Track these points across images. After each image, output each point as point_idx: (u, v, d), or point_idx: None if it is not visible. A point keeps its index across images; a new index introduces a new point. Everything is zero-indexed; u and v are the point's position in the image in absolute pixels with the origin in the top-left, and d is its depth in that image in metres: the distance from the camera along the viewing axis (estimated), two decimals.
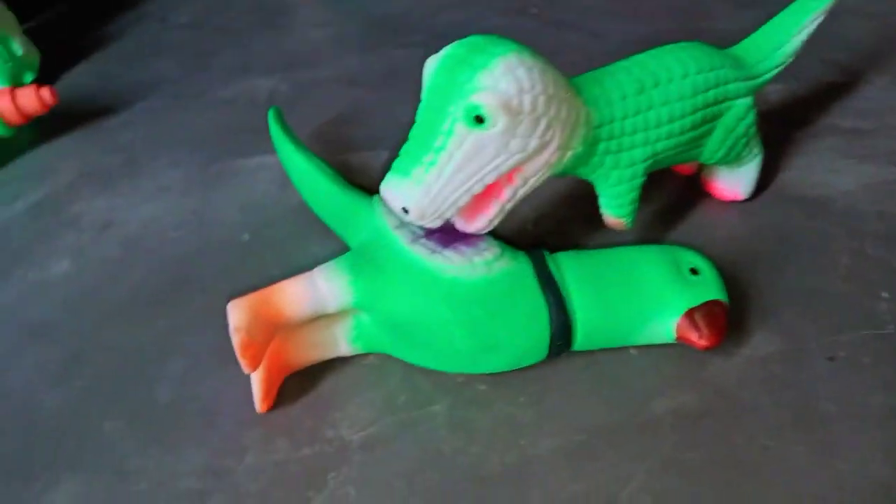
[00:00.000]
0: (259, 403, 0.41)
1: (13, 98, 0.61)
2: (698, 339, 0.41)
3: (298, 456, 0.40)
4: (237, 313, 0.38)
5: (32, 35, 0.74)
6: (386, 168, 0.40)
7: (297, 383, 0.43)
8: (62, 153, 0.65)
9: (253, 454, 0.40)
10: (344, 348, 0.43)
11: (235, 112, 0.69)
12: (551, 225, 0.54)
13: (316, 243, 0.53)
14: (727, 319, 0.42)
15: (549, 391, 0.42)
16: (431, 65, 0.39)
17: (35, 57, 0.73)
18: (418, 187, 0.38)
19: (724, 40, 0.49)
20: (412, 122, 0.40)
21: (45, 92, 0.62)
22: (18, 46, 0.70)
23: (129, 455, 0.40)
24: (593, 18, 0.81)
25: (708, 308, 0.41)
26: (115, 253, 0.54)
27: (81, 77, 0.77)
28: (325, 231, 0.53)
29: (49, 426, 0.42)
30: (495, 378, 0.43)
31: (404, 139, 0.40)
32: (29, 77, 0.72)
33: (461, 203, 0.39)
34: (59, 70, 0.77)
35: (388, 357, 0.44)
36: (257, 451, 0.40)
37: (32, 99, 0.62)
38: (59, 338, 0.48)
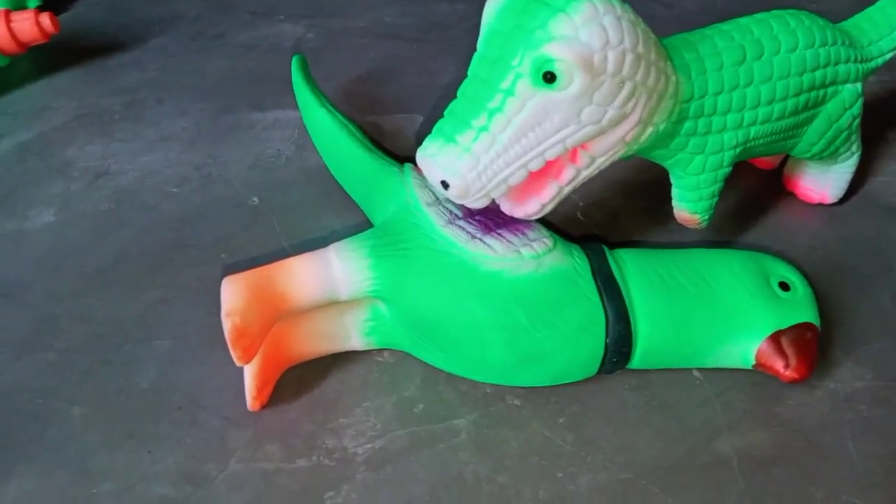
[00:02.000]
0: (251, 400, 0.34)
1: (7, 22, 0.54)
2: (783, 368, 0.34)
3: (292, 467, 0.33)
4: (232, 294, 0.31)
5: None
6: (424, 133, 0.33)
7: (297, 379, 0.37)
8: (59, 91, 0.59)
9: (238, 460, 0.34)
10: (355, 342, 0.37)
11: (256, 59, 0.62)
12: (604, 216, 0.47)
13: (333, 214, 0.46)
14: (818, 348, 0.35)
15: (594, 415, 0.36)
16: (494, 4, 0.32)
17: None
18: (464, 157, 0.31)
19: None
20: (456, 85, 0.33)
21: (45, 18, 0.55)
22: None
23: (95, 449, 0.34)
24: None
25: (798, 332, 0.34)
26: (106, 206, 0.48)
27: (92, 8, 0.70)
28: (345, 201, 0.46)
29: (6, 405, 0.36)
30: (531, 392, 0.36)
31: (445, 104, 0.33)
32: (33, 2, 0.65)
33: (513, 181, 0.32)
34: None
35: (407, 356, 0.37)
36: (244, 458, 0.34)
37: (30, 25, 0.55)
38: (30, 301, 0.41)
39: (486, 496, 0.32)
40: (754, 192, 0.48)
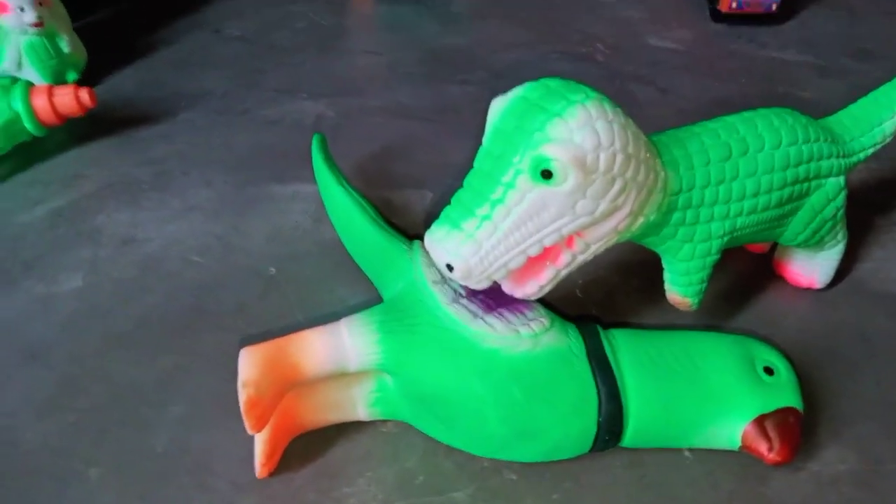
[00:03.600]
0: (259, 467, 0.36)
1: (50, 96, 0.59)
2: (767, 451, 0.35)
3: None
4: (248, 364, 0.34)
5: (82, 34, 0.72)
6: (433, 215, 0.35)
7: (303, 448, 0.38)
8: (92, 160, 0.62)
9: None
10: (361, 412, 0.39)
11: (278, 134, 0.66)
12: (601, 294, 0.49)
13: (345, 286, 0.49)
14: (801, 431, 0.36)
15: (587, 492, 0.37)
16: (498, 106, 0.35)
17: (82, 56, 0.71)
18: (468, 243, 0.33)
19: (805, 110, 0.44)
20: (465, 164, 0.36)
21: (84, 93, 0.60)
22: (66, 44, 0.68)
23: None
24: (663, 73, 0.76)
25: (781, 416, 0.36)
26: (132, 273, 0.50)
27: (125, 82, 0.74)
28: (356, 274, 0.49)
29: (27, 465, 0.38)
30: (526, 468, 0.38)
31: (454, 182, 0.35)
32: (72, 76, 0.70)
33: (513, 265, 0.34)
34: (104, 72, 0.75)
35: (409, 428, 0.39)
36: None
37: (70, 99, 0.59)
38: (54, 362, 0.44)
39: None
40: (745, 276, 0.50)
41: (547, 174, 0.32)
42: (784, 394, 0.36)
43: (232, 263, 0.51)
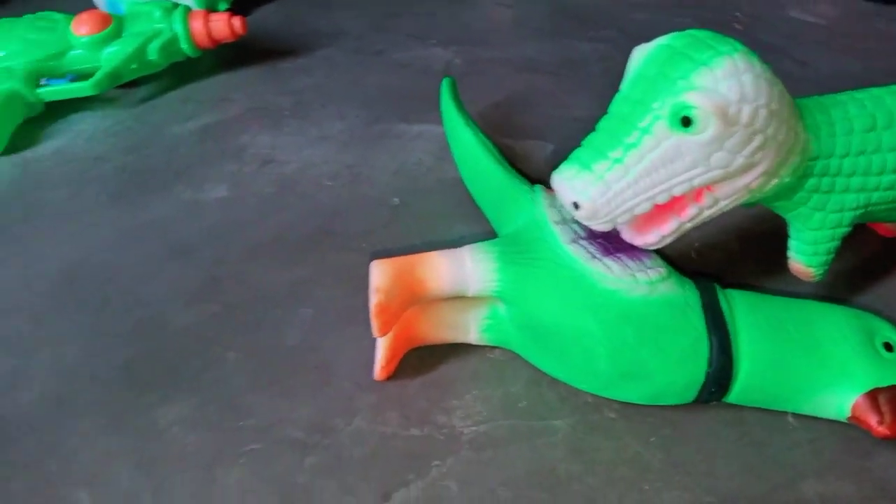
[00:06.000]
0: (379, 370, 0.39)
1: (206, 21, 0.63)
2: (877, 424, 0.35)
3: (407, 434, 0.38)
4: (380, 274, 0.36)
5: None
6: (553, 165, 0.37)
7: (418, 360, 0.41)
8: (237, 85, 0.67)
9: (362, 419, 0.38)
10: (472, 336, 0.41)
11: (407, 77, 0.68)
12: (719, 257, 0.49)
13: (462, 223, 0.51)
14: None
15: (685, 440, 0.38)
16: (641, 53, 0.35)
17: None
18: (597, 184, 0.34)
19: None
20: (588, 118, 0.36)
21: (237, 21, 0.64)
22: None
23: (244, 390, 0.40)
24: (801, 46, 0.73)
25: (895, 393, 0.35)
26: (270, 190, 0.54)
27: (270, 17, 0.79)
28: (474, 213, 0.51)
29: (176, 343, 0.43)
30: (627, 408, 0.39)
31: (576, 135, 0.36)
32: (223, 6, 0.75)
33: (638, 211, 0.35)
34: (251, 5, 0.80)
35: (515, 357, 0.41)
36: (367, 418, 0.38)
37: (224, 25, 0.64)
38: (199, 262, 0.48)
39: (575, 493, 0.36)
40: (871, 257, 0.49)
41: (686, 122, 0.33)
42: None
43: (359, 191, 0.54)
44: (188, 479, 0.36)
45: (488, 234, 0.49)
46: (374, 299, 0.36)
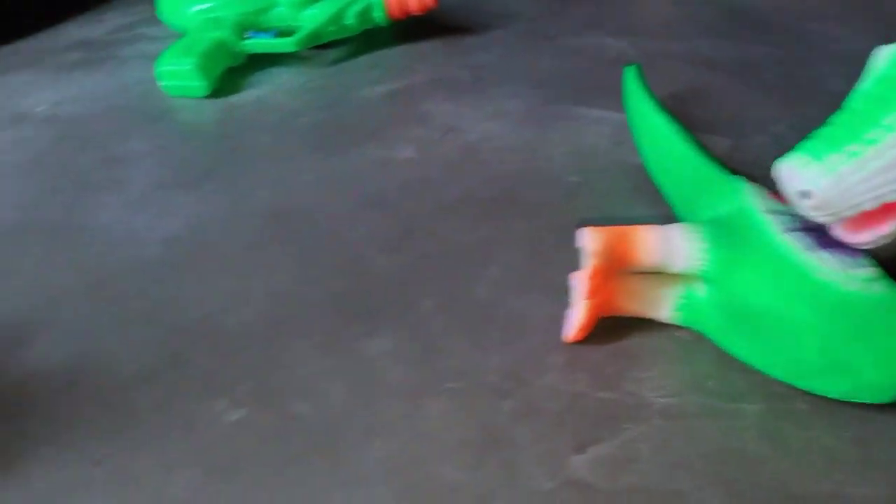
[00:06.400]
0: (573, 331, 0.41)
1: None
2: None
3: (597, 396, 0.39)
4: (596, 240, 0.38)
5: None
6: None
7: (607, 329, 0.42)
8: (420, 56, 0.70)
9: (554, 376, 0.40)
10: (664, 313, 0.42)
11: (580, 63, 0.70)
12: None
13: (642, 205, 0.52)
14: None
15: (881, 438, 0.38)
16: (886, 52, 0.36)
17: None
18: (829, 175, 0.35)
19: None
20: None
21: None
22: None
23: (441, 334, 0.43)
24: None
25: None
26: (454, 156, 0.57)
27: None
28: (653, 197, 0.52)
29: (377, 283, 0.46)
30: (818, 401, 0.39)
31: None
32: None
33: (866, 207, 0.35)
34: None
35: (701, 339, 0.42)
36: (558, 376, 0.40)
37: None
38: (394, 213, 0.51)
39: (767, 474, 0.36)
40: None
41: None
42: None
43: (538, 166, 0.56)
44: (396, 404, 0.39)
45: (669, 218, 0.50)
46: (589, 263, 0.38)
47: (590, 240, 0.38)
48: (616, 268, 0.39)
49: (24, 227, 0.51)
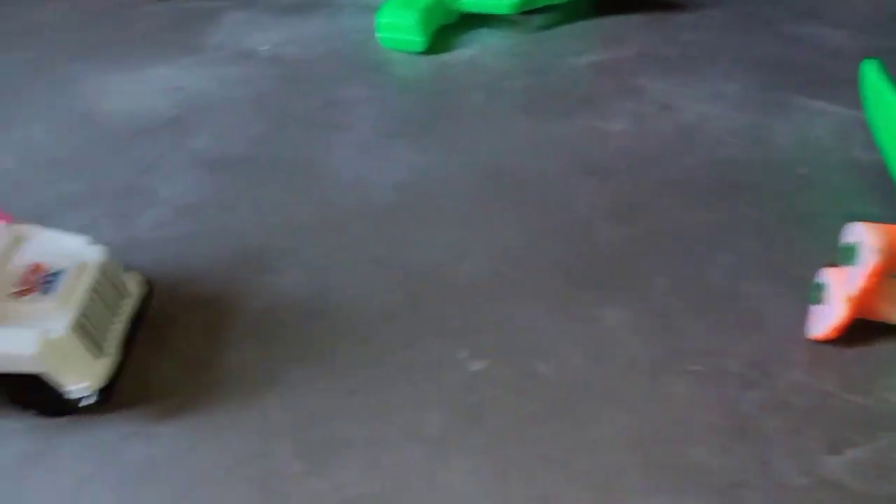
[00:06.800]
0: (827, 330, 0.39)
1: None
2: None
3: (846, 398, 0.37)
4: (878, 237, 0.36)
5: None
6: None
7: (852, 331, 0.40)
8: (626, 30, 0.68)
9: (799, 373, 0.39)
10: None
11: (801, 52, 0.66)
12: None
13: (878, 205, 0.49)
14: None
15: None
16: None
17: None
18: None
19: None
20: None
21: None
22: None
23: (678, 313, 0.42)
24: None
25: None
26: (671, 133, 0.56)
27: None
28: (890, 197, 0.48)
29: (604, 253, 0.45)
30: None
31: None
32: None
33: None
34: None
35: None
36: (804, 373, 0.39)
37: None
38: (615, 185, 0.51)
39: None
40: None
41: None
42: None
43: (762, 153, 0.54)
44: (637, 378, 0.38)
45: None
46: (872, 259, 0.36)
47: (873, 236, 0.36)
48: (893, 268, 0.37)
49: (257, 160, 0.54)
